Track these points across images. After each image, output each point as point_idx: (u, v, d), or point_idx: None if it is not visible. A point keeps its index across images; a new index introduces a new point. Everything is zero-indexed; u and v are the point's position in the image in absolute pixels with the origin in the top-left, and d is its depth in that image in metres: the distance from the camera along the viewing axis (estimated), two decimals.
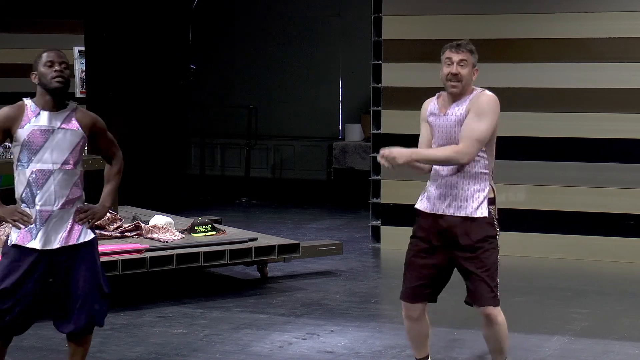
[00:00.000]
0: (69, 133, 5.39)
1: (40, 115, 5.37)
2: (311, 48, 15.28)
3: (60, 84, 5.38)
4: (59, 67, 5.44)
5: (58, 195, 5.35)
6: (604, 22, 9.94)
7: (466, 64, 5.47)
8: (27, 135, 5.32)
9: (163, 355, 6.64)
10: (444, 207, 5.54)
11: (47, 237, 5.36)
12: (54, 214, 5.36)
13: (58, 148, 5.35)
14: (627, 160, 9.93)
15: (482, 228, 5.48)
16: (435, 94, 5.76)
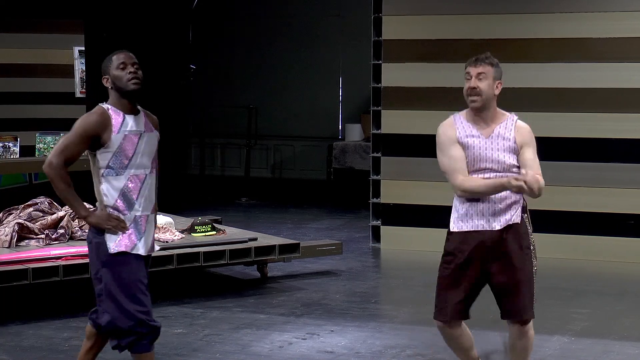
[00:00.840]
0: (152, 136, 5.36)
1: (127, 120, 5.28)
2: (311, 48, 15.29)
3: (136, 86, 5.28)
4: (133, 69, 5.31)
5: (151, 200, 5.35)
6: (604, 22, 9.94)
7: (485, 77, 5.36)
8: (122, 141, 5.24)
9: (163, 355, 6.63)
10: (482, 224, 5.43)
11: (147, 243, 5.36)
12: (149, 218, 5.36)
13: (146, 152, 5.31)
14: (627, 160, 9.93)
15: (516, 237, 5.42)
16: (435, 94, 5.74)
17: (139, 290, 5.31)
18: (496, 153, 5.38)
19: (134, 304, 5.29)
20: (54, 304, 7.85)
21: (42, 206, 8.42)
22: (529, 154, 5.40)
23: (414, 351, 6.75)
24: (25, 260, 7.56)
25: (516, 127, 5.43)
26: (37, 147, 11.24)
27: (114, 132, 5.24)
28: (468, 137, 5.40)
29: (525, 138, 5.42)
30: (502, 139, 5.39)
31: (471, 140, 5.39)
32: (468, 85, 5.37)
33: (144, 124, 5.35)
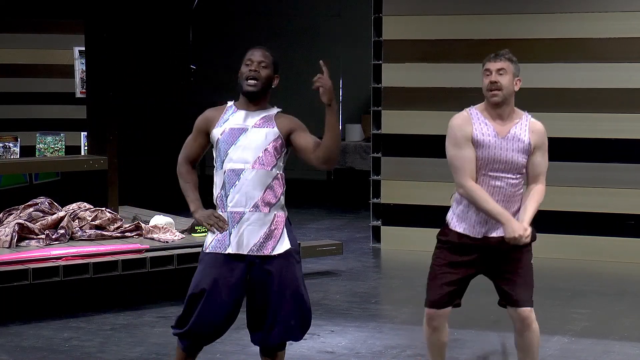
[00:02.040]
0: (263, 132, 5.14)
1: (236, 113, 5.15)
2: (311, 48, 15.29)
3: (252, 87, 5.11)
4: (254, 67, 5.16)
5: (250, 197, 5.10)
6: (604, 22, 9.95)
7: (505, 73, 5.34)
8: (221, 135, 5.13)
9: (163, 356, 6.64)
10: (485, 231, 5.44)
11: (239, 241, 5.08)
12: (245, 216, 5.08)
13: (250, 147, 5.09)
14: (627, 160, 9.94)
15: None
16: (435, 94, 5.74)
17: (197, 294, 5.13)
18: (510, 154, 5.38)
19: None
20: (54, 304, 7.85)
21: (42, 206, 8.42)
22: (539, 157, 5.43)
23: (414, 351, 6.75)
24: (25, 260, 7.56)
25: (530, 127, 5.42)
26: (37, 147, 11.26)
27: (215, 126, 5.18)
28: (484, 136, 5.38)
29: (539, 139, 5.43)
30: (517, 141, 5.38)
31: (487, 140, 5.37)
32: (489, 79, 5.34)
33: (261, 120, 5.17)
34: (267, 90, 5.21)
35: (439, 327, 5.57)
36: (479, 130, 5.39)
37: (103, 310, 7.78)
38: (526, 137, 5.39)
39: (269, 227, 5.13)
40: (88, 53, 9.86)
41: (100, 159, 9.39)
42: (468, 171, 5.37)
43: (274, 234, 5.13)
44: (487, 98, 5.40)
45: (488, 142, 5.37)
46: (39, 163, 10.23)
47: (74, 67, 11.48)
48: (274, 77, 5.25)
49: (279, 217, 5.21)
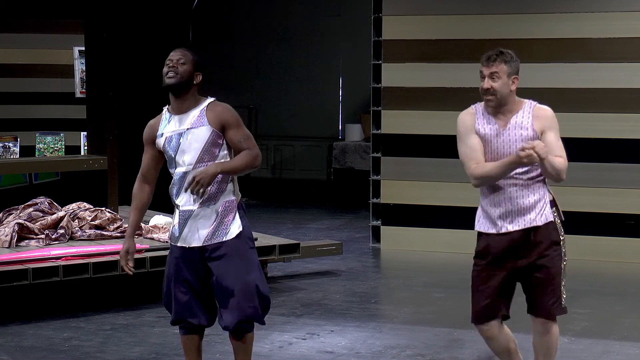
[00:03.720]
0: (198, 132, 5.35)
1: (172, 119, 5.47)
2: (311, 48, 15.28)
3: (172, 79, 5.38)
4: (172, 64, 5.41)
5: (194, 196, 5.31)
6: (604, 22, 9.95)
7: (499, 77, 5.32)
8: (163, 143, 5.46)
9: (163, 355, 6.64)
10: (507, 224, 5.36)
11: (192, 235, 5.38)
12: (194, 213, 5.35)
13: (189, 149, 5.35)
14: (627, 160, 9.93)
15: (546, 235, 5.38)
16: (435, 94, 5.73)
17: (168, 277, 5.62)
18: (514, 145, 5.31)
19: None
20: (54, 304, 7.85)
21: (42, 206, 8.42)
22: (549, 137, 5.34)
23: (414, 351, 6.75)
24: (25, 260, 7.56)
25: (534, 113, 5.37)
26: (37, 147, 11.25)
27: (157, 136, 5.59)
28: (486, 129, 5.36)
29: (544, 122, 5.37)
30: (520, 129, 5.33)
31: (489, 133, 5.35)
32: (482, 85, 5.34)
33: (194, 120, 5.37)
34: (189, 84, 5.40)
35: (492, 338, 5.48)
36: (481, 124, 5.38)
37: (103, 310, 7.78)
38: (529, 123, 5.34)
39: (219, 216, 5.37)
40: (88, 53, 9.86)
41: (100, 159, 9.38)
42: (474, 158, 5.32)
43: (224, 221, 5.38)
44: (484, 101, 5.39)
45: (490, 135, 5.35)
46: (38, 163, 10.22)
47: (74, 67, 11.47)
48: (194, 74, 5.42)
49: (229, 203, 5.40)
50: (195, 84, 5.42)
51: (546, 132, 5.36)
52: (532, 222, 5.36)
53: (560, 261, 5.42)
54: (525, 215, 5.37)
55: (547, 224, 5.41)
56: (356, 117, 14.65)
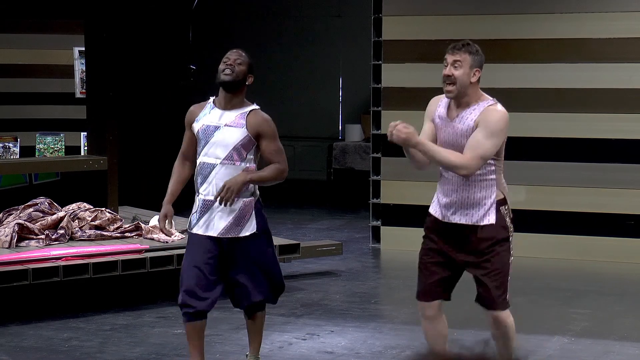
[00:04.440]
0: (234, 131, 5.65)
1: (213, 111, 5.73)
2: (311, 48, 15.29)
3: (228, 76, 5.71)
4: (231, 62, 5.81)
5: (219, 188, 5.57)
6: (604, 22, 9.94)
7: (460, 65, 5.37)
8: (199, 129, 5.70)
9: (163, 356, 6.64)
10: (450, 215, 5.44)
11: (209, 225, 5.64)
12: (215, 204, 5.61)
13: (221, 144, 5.62)
14: (627, 160, 9.93)
15: (490, 233, 5.40)
16: (434, 94, 5.73)
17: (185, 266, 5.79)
18: (455, 137, 5.37)
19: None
20: (54, 304, 7.85)
21: (42, 207, 8.42)
22: (477, 134, 5.30)
23: (414, 351, 6.75)
24: (25, 260, 7.56)
25: (484, 110, 5.35)
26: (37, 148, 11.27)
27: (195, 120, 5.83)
28: (438, 118, 5.48)
29: (484, 119, 5.31)
30: (463, 123, 5.36)
31: (439, 122, 5.47)
32: (443, 72, 5.43)
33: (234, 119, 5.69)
34: (242, 85, 5.83)
35: (431, 317, 5.60)
36: (439, 112, 5.49)
37: (103, 310, 7.78)
38: (473, 119, 5.34)
39: (237, 214, 5.66)
40: (88, 53, 9.86)
41: (100, 159, 9.39)
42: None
43: (242, 219, 5.68)
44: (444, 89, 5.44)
45: (439, 124, 5.46)
46: (38, 163, 10.23)
47: (74, 67, 11.48)
48: (247, 75, 5.90)
49: (247, 203, 5.70)
50: (247, 84, 5.87)
51: (479, 127, 5.32)
52: (477, 221, 5.40)
53: (507, 257, 5.46)
54: (469, 210, 5.41)
55: (491, 224, 5.40)
56: (356, 118, 14.66)
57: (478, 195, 5.40)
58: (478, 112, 5.36)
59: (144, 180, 12.67)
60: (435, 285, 5.56)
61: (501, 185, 5.49)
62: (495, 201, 5.42)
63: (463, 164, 5.27)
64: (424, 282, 5.61)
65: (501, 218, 5.44)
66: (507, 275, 5.45)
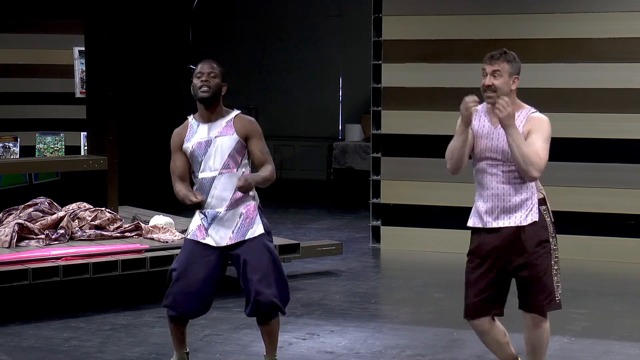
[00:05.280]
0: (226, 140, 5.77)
1: (200, 127, 5.83)
2: (311, 48, 15.28)
3: (205, 93, 5.76)
4: (205, 78, 5.79)
5: (222, 198, 5.77)
6: (604, 22, 9.94)
7: (500, 75, 5.43)
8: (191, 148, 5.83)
9: (163, 356, 6.64)
10: (492, 220, 5.47)
11: (217, 236, 5.78)
12: (220, 215, 5.78)
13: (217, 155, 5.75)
14: (627, 160, 9.94)
15: (534, 234, 5.45)
16: (435, 94, 5.78)
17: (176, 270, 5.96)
18: (502, 143, 5.41)
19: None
20: (54, 304, 7.85)
21: (42, 206, 8.43)
22: (532, 137, 5.39)
23: (414, 351, 6.75)
24: (25, 260, 7.56)
25: (528, 118, 5.49)
26: (37, 147, 11.25)
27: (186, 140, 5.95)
28: (479, 125, 5.49)
29: (534, 126, 5.44)
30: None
31: (479, 129, 5.48)
32: (483, 82, 5.45)
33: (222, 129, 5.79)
34: (218, 96, 5.86)
35: (483, 332, 5.60)
36: (477, 119, 5.50)
37: (103, 310, 7.78)
38: (520, 126, 5.43)
39: (242, 219, 5.83)
40: (88, 53, 9.86)
41: (100, 159, 9.38)
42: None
43: (246, 222, 5.84)
44: (484, 98, 5.48)
45: (481, 131, 5.47)
46: (38, 163, 10.22)
47: (74, 67, 11.47)
48: (222, 85, 5.89)
49: (250, 207, 5.89)
50: (222, 94, 5.89)
51: (531, 134, 5.43)
52: (519, 221, 5.45)
53: (549, 259, 5.55)
54: (512, 213, 5.46)
55: (534, 223, 5.47)
56: (356, 117, 14.65)
57: (520, 198, 5.45)
58: (523, 119, 5.46)
59: (144, 180, 12.67)
60: (483, 302, 5.52)
61: (539, 186, 5.57)
62: (536, 201, 5.49)
63: (537, 162, 5.32)
64: (471, 299, 5.54)
65: (542, 218, 5.50)
66: (552, 278, 5.56)
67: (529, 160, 5.31)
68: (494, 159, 5.45)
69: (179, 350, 6.11)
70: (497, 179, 5.46)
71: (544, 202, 5.56)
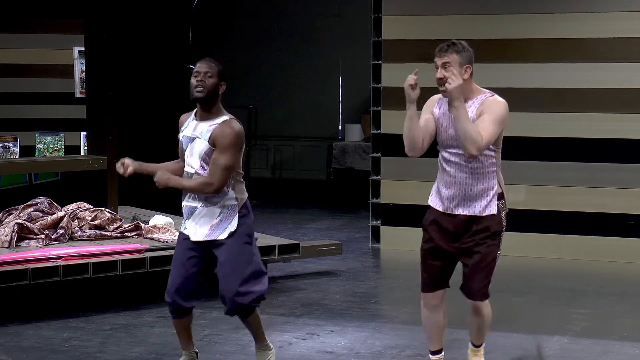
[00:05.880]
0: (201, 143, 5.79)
1: (191, 122, 5.89)
2: (311, 48, 15.28)
3: (200, 93, 5.79)
4: (201, 77, 5.81)
5: (199, 196, 5.82)
6: (604, 22, 9.94)
7: (450, 66, 5.49)
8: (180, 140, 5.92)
9: (163, 356, 6.64)
10: (452, 207, 5.63)
11: (195, 230, 5.85)
12: (197, 210, 5.83)
13: (194, 155, 5.81)
14: (627, 160, 9.93)
15: (487, 225, 5.59)
16: (434, 94, 5.78)
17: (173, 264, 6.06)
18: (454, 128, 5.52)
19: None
20: (53, 304, 7.85)
21: (42, 206, 8.42)
22: (483, 120, 5.46)
23: (413, 351, 6.75)
24: (25, 260, 7.56)
25: (485, 101, 5.55)
26: (37, 147, 11.26)
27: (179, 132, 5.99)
28: (439, 112, 5.63)
29: (485, 107, 5.51)
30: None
31: (437, 116, 5.62)
32: (436, 75, 5.52)
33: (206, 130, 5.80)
34: (215, 96, 5.86)
35: (434, 307, 5.80)
36: (438, 107, 5.64)
37: (103, 310, 7.78)
38: (474, 110, 5.51)
39: (219, 218, 5.83)
40: (88, 53, 9.86)
41: (100, 159, 9.38)
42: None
43: (222, 223, 5.84)
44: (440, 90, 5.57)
45: (439, 117, 5.60)
46: (38, 163, 10.22)
47: (74, 67, 11.47)
48: (220, 84, 5.90)
49: (229, 208, 5.85)
50: (220, 94, 5.90)
51: (483, 116, 5.49)
52: (477, 211, 5.59)
53: (495, 251, 5.65)
54: (472, 202, 5.60)
55: (490, 216, 5.60)
56: (356, 117, 14.65)
57: (480, 187, 5.58)
58: (478, 104, 5.54)
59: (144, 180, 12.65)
60: (437, 276, 5.73)
61: (500, 179, 5.68)
62: (496, 193, 5.62)
63: (478, 140, 5.38)
64: (427, 274, 5.76)
65: (498, 212, 5.63)
66: (492, 269, 5.67)
67: (468, 136, 5.39)
68: (456, 148, 5.55)
69: (186, 350, 6.13)
70: (459, 168, 5.58)
71: (502, 197, 5.68)
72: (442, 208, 5.66)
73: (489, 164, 5.58)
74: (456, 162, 5.58)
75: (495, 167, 5.61)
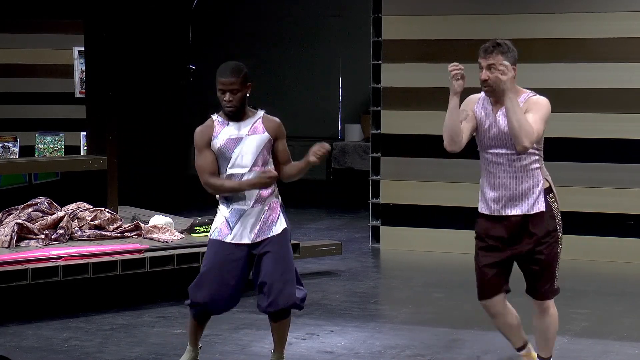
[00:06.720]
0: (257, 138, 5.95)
1: (229, 125, 5.93)
2: (311, 48, 15.27)
3: (231, 110, 5.89)
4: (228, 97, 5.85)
5: (249, 196, 5.85)
6: (604, 22, 9.94)
7: (495, 67, 5.45)
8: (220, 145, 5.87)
9: (163, 356, 6.64)
10: (499, 208, 5.58)
11: (243, 232, 5.84)
12: (247, 212, 5.84)
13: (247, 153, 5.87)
14: (627, 160, 9.93)
15: (541, 223, 5.60)
16: (435, 94, 5.83)
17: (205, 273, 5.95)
18: (499, 130, 5.50)
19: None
20: (53, 304, 7.85)
21: (41, 206, 8.42)
22: (530, 117, 5.43)
23: (413, 351, 6.75)
24: (25, 260, 7.56)
25: (528, 100, 5.53)
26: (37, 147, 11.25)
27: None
28: (481, 112, 5.59)
29: (530, 106, 5.49)
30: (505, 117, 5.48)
31: (479, 116, 5.59)
32: (480, 76, 5.52)
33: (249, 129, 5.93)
34: (245, 103, 6.03)
35: (496, 314, 5.74)
36: (479, 106, 5.62)
37: (102, 310, 7.78)
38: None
39: (267, 215, 5.91)
40: (88, 53, 9.86)
41: (99, 159, 9.38)
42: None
43: (271, 219, 5.92)
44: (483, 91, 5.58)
45: (481, 118, 5.57)
46: (38, 163, 10.22)
47: (74, 67, 11.46)
48: (246, 89, 6.02)
49: (274, 204, 5.97)
50: (248, 95, 6.03)
51: (530, 113, 5.48)
52: (526, 210, 5.57)
53: (556, 247, 5.73)
54: (519, 202, 5.57)
55: (541, 213, 5.60)
56: (356, 117, 14.65)
57: (525, 186, 5.56)
58: (522, 103, 5.50)
59: (144, 180, 12.67)
60: (494, 282, 5.65)
61: (545, 174, 5.66)
62: (542, 189, 5.60)
63: (531, 133, 5.35)
64: (481, 282, 5.68)
65: (549, 207, 5.63)
66: (556, 266, 5.74)
67: (522, 127, 5.36)
68: (499, 148, 5.52)
69: (194, 346, 6.15)
70: (502, 168, 5.54)
71: (550, 190, 5.66)
72: (489, 211, 5.60)
73: (532, 161, 5.54)
74: (500, 162, 5.54)
75: (538, 164, 5.57)
